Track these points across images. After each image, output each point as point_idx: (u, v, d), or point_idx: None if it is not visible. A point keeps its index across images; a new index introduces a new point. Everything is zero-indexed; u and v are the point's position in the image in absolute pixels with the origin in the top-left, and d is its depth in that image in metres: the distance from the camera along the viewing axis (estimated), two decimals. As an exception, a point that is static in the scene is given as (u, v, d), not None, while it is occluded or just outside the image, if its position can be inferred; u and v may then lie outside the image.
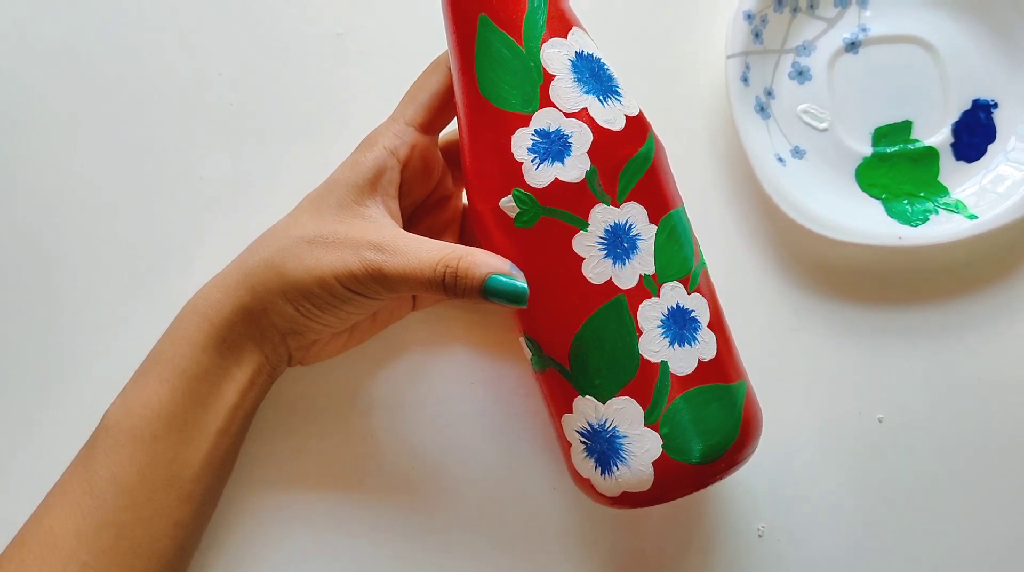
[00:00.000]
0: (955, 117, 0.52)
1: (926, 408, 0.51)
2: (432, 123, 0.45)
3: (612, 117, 0.41)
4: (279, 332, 0.45)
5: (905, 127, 0.52)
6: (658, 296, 0.41)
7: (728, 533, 0.51)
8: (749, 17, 0.51)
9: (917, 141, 0.52)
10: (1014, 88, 0.51)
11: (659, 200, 0.42)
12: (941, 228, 0.50)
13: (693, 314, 0.42)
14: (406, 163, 0.45)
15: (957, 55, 0.52)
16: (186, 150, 0.52)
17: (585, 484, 0.44)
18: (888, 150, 0.52)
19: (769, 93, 0.52)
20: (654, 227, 0.41)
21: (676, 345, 0.41)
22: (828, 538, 0.50)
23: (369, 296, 0.42)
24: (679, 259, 0.42)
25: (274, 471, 0.50)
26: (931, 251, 0.51)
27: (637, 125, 0.42)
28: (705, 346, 0.42)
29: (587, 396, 0.42)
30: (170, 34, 0.53)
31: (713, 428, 0.42)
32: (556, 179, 0.40)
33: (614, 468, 0.42)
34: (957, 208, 0.51)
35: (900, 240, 0.49)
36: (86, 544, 0.42)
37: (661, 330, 0.41)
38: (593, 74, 0.42)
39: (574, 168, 0.40)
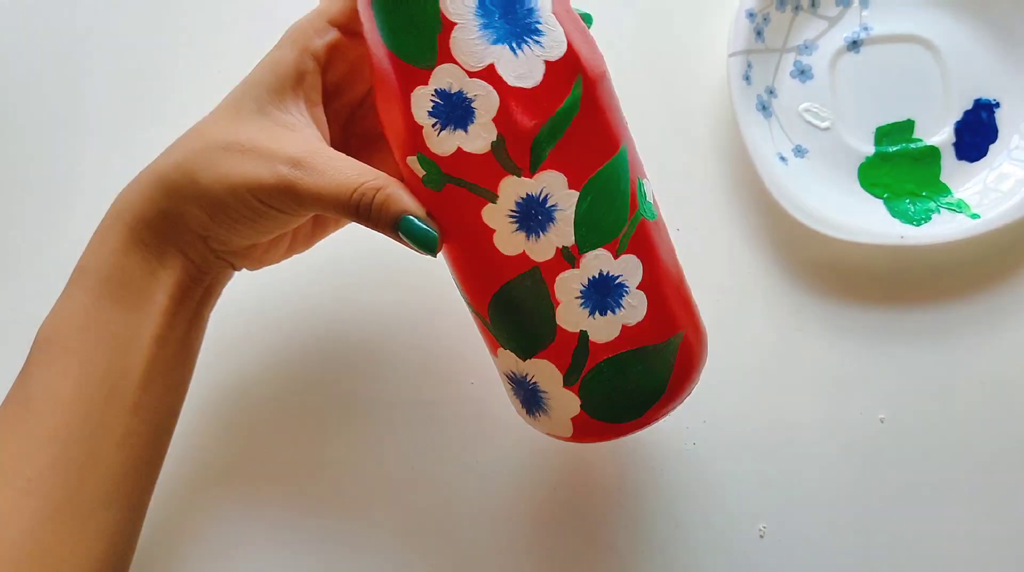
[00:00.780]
0: (957, 116, 0.52)
1: (928, 408, 0.51)
2: (355, 25, 0.41)
3: (527, 69, 0.36)
4: (197, 236, 0.42)
5: (907, 126, 0.52)
6: (577, 267, 0.37)
7: (728, 533, 0.50)
8: (751, 16, 0.51)
9: (919, 140, 0.52)
10: (1016, 87, 0.51)
11: (585, 159, 0.37)
12: (943, 227, 0.50)
13: (619, 280, 0.38)
14: (328, 66, 0.42)
15: (959, 54, 0.52)
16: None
17: (521, 414, 0.43)
18: (890, 149, 0.52)
19: (771, 92, 0.52)
20: (575, 194, 0.37)
21: (597, 314, 0.38)
22: (828, 538, 0.50)
23: (284, 211, 0.40)
24: (606, 224, 0.38)
25: (271, 470, 0.50)
26: (933, 251, 0.51)
27: (560, 72, 0.36)
28: (631, 311, 0.38)
29: (508, 350, 0.40)
30: (170, 33, 0.53)
31: (634, 390, 0.39)
32: (459, 149, 0.36)
33: (538, 413, 0.41)
34: (959, 207, 0.51)
35: (902, 239, 0.49)
36: (28, 461, 0.40)
37: (580, 301, 0.38)
38: (506, 12, 0.36)
39: (478, 138, 0.36)
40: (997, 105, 0.52)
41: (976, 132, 0.52)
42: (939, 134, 0.52)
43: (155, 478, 0.44)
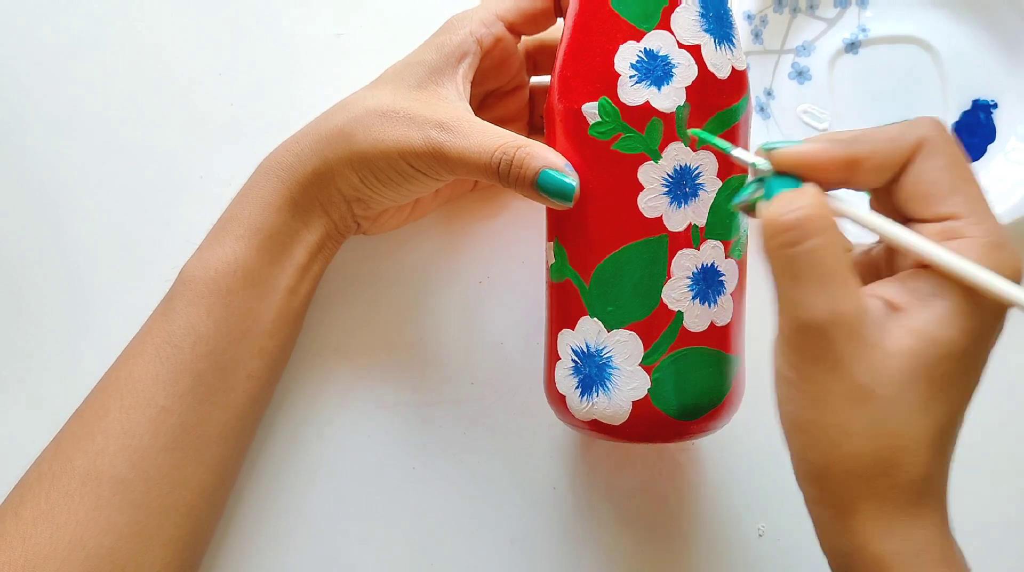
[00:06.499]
0: (955, 117, 0.52)
1: (926, 408, 0.51)
2: (521, 27, 0.46)
3: (720, 63, 0.41)
4: (344, 199, 0.46)
5: (905, 127, 0.52)
6: (698, 249, 0.41)
7: (728, 533, 0.51)
8: (749, 17, 0.51)
9: (917, 141, 0.52)
10: (1014, 88, 0.52)
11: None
12: (941, 228, 0.50)
13: (722, 278, 0.42)
14: (487, 53, 0.46)
15: (957, 56, 0.52)
16: (186, 150, 0.52)
17: (558, 399, 0.44)
18: (888, 150, 0.52)
19: (769, 93, 0.52)
20: (719, 183, 0.41)
21: (697, 301, 0.42)
22: (828, 538, 0.50)
23: (430, 175, 0.43)
24: (730, 222, 0.42)
25: (270, 470, 0.50)
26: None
27: (739, 80, 0.42)
28: (722, 311, 0.42)
29: (595, 318, 0.42)
30: (170, 34, 0.53)
31: (701, 389, 0.42)
32: (647, 103, 0.40)
33: (594, 394, 0.42)
34: (957, 208, 0.51)
35: (900, 240, 0.50)
36: (164, 389, 0.43)
37: (689, 282, 0.41)
38: (717, 15, 0.41)
39: (668, 98, 0.40)
40: (995, 106, 0.52)
41: (974, 133, 0.52)
42: (937, 135, 0.52)
43: (258, 424, 0.48)
